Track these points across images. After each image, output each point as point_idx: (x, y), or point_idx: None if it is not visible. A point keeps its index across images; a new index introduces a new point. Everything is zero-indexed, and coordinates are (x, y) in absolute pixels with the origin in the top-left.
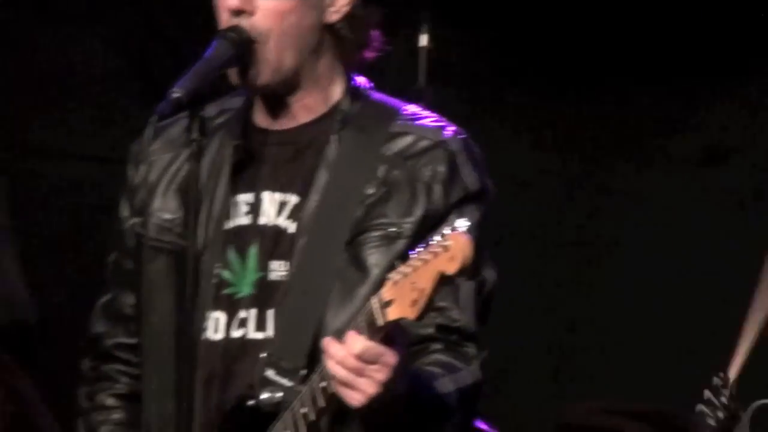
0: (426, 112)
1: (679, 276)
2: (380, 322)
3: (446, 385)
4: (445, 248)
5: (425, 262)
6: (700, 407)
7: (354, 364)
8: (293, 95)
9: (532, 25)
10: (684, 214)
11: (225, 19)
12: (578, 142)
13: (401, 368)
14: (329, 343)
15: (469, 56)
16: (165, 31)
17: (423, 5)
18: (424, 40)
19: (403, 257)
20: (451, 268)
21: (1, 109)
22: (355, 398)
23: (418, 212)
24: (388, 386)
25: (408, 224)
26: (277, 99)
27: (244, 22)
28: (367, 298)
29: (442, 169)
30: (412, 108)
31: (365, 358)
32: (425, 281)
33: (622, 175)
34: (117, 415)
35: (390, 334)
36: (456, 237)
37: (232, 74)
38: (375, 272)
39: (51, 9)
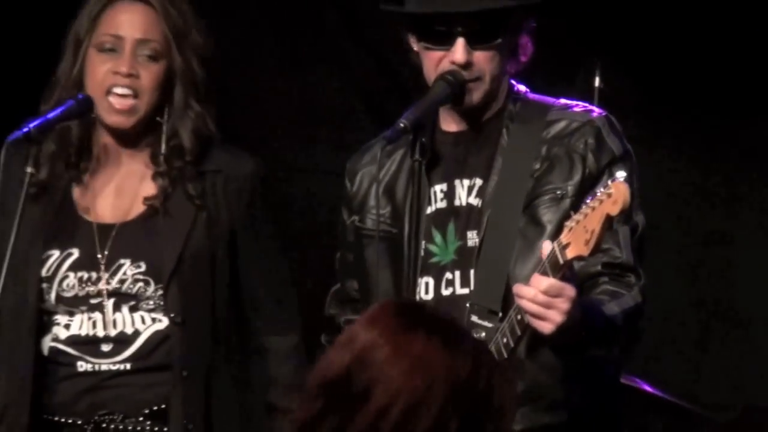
0: (575, 102)
1: None
2: (561, 261)
3: (612, 308)
4: (609, 195)
5: (593, 208)
6: None
7: (543, 299)
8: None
9: (684, 68)
10: None
11: (444, 67)
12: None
13: (577, 299)
14: (519, 287)
15: (630, 93)
16: (397, 75)
17: (597, 55)
18: (597, 81)
19: (574, 210)
20: (615, 210)
21: (268, 136)
22: (546, 327)
23: (577, 176)
24: (570, 313)
25: (570, 186)
26: (466, 111)
27: (464, 72)
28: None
29: (591, 140)
30: (563, 101)
31: (551, 293)
32: (594, 223)
33: None
34: None
35: (566, 274)
36: (617, 185)
37: (447, 106)
38: (549, 227)
39: (305, 58)
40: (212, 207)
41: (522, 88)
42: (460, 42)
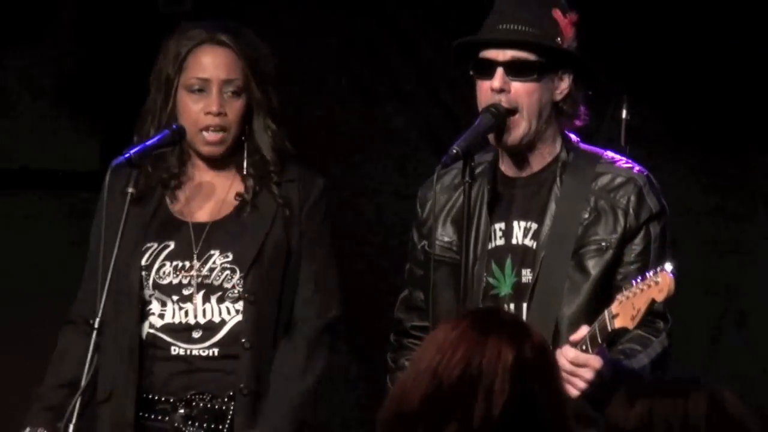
0: (619, 156)
1: None
2: (609, 328)
3: (641, 360)
4: (656, 282)
5: (641, 290)
6: None
7: (569, 368)
8: (530, 151)
9: (704, 101)
10: None
11: (488, 98)
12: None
13: (605, 367)
14: (558, 353)
15: (654, 123)
16: (450, 108)
17: (625, 90)
18: (624, 113)
19: (613, 265)
20: (660, 297)
21: (339, 161)
22: (571, 391)
23: (619, 230)
24: (593, 381)
25: (613, 239)
26: (519, 154)
27: (503, 97)
28: (588, 293)
29: (633, 198)
30: (609, 153)
31: (577, 363)
32: (641, 303)
33: None
34: None
35: (601, 347)
36: (664, 276)
37: (491, 137)
38: (593, 273)
39: (372, 92)
40: (289, 209)
41: (573, 137)
42: (499, 71)
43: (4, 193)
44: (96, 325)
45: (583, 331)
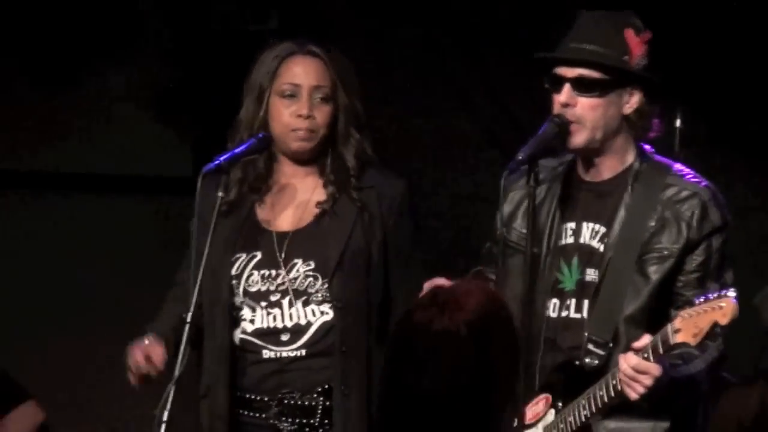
0: (688, 170)
1: None
2: (671, 341)
3: (698, 365)
4: (721, 307)
5: (706, 311)
6: None
7: (631, 373)
8: (600, 159)
9: (754, 111)
10: None
11: (557, 109)
12: None
13: (663, 374)
14: (622, 358)
15: (706, 132)
16: (515, 116)
17: (678, 100)
18: (678, 122)
19: (674, 272)
20: (723, 321)
21: (411, 166)
22: (630, 394)
23: (682, 240)
24: (650, 387)
25: (675, 248)
26: (589, 161)
27: (568, 111)
28: (648, 297)
29: (697, 211)
30: (678, 166)
31: (638, 369)
32: (703, 323)
33: None
34: None
35: (662, 355)
36: (728, 302)
37: (556, 143)
38: (654, 279)
39: (440, 103)
40: (369, 213)
41: (647, 148)
42: (566, 86)
43: (103, 197)
44: (188, 319)
45: (646, 339)
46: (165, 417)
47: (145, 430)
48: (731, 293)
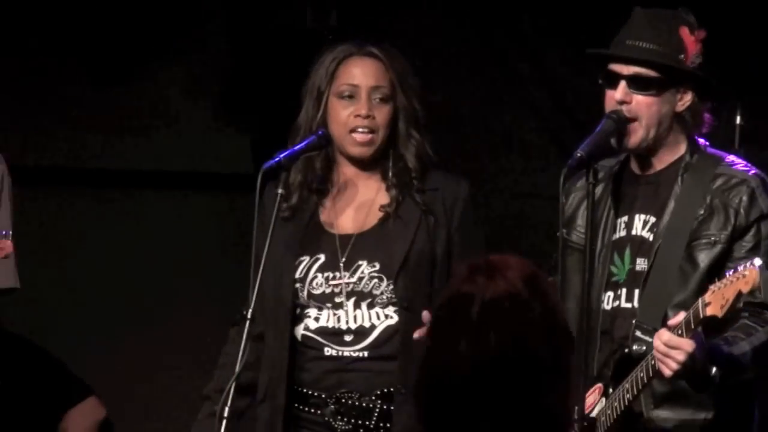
0: (739, 160)
1: None
2: (701, 315)
3: (743, 347)
4: (744, 275)
5: (732, 282)
6: None
7: (663, 349)
8: (653, 154)
9: None
10: None
11: (612, 106)
12: None
13: (697, 350)
14: (655, 336)
15: (766, 128)
16: (574, 114)
17: (738, 97)
18: (738, 119)
19: (722, 258)
20: (746, 289)
21: (471, 163)
22: (664, 370)
23: (729, 227)
24: (685, 363)
25: (723, 235)
26: (643, 156)
27: (624, 108)
28: (696, 284)
29: (745, 198)
30: (730, 157)
31: (670, 345)
32: (729, 294)
33: None
34: None
35: (695, 331)
36: (751, 270)
37: (613, 141)
38: (702, 266)
39: (502, 101)
40: (433, 215)
41: (701, 141)
42: (622, 84)
43: (164, 195)
44: (248, 316)
45: (680, 316)
46: (226, 413)
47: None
48: (757, 261)
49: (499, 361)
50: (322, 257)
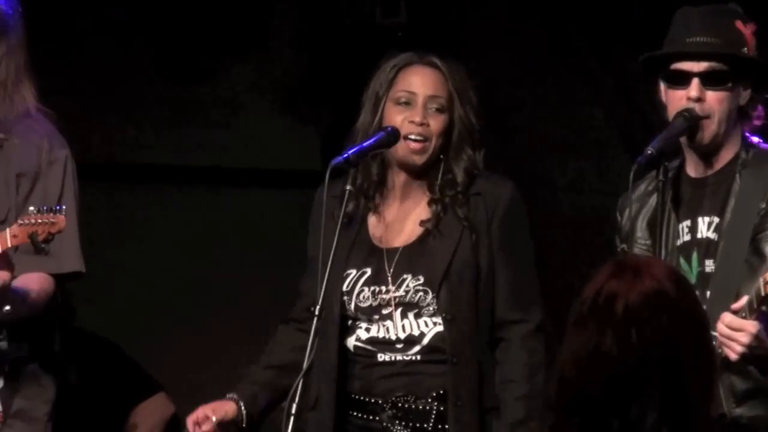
0: None
1: None
2: (762, 293)
3: None
4: None
5: None
6: None
7: (726, 332)
8: (716, 152)
9: None
10: None
11: (682, 105)
12: None
13: (762, 332)
14: (719, 320)
15: None
16: (645, 113)
17: None
18: None
19: None
20: None
21: (544, 163)
22: (729, 353)
23: None
24: (750, 345)
25: None
26: (706, 155)
27: (697, 106)
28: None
29: None
30: None
31: (733, 327)
32: None
33: None
34: None
35: (759, 313)
36: None
37: (683, 139)
38: None
39: (574, 100)
40: (476, 224)
41: (755, 139)
42: (695, 81)
43: (233, 192)
44: (317, 312)
45: (744, 299)
46: (293, 410)
47: (275, 422)
48: None
49: (646, 358)
50: (369, 271)
